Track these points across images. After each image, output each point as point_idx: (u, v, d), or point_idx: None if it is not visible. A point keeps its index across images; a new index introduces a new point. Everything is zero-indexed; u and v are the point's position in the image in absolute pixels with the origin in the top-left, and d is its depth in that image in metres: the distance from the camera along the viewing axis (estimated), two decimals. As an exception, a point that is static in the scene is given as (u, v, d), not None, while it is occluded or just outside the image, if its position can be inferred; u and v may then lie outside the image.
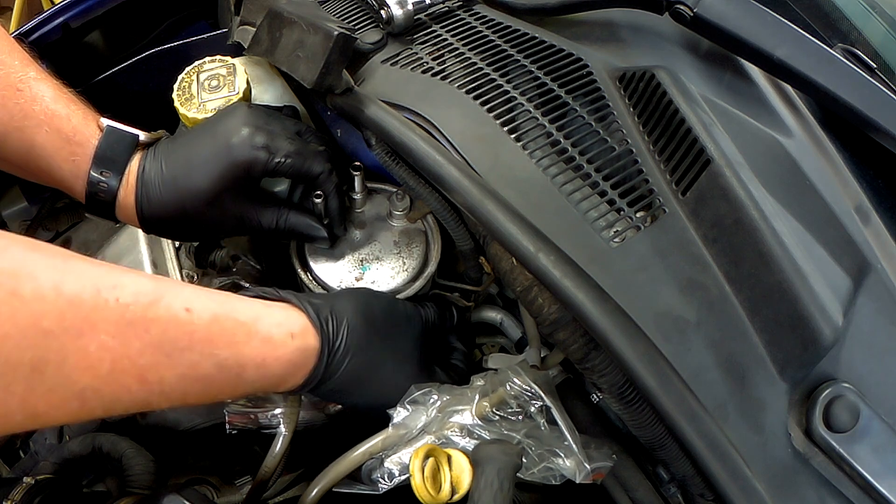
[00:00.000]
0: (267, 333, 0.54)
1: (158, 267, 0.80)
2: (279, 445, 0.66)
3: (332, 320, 0.58)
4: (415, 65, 0.70)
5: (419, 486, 0.54)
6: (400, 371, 0.63)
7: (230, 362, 0.51)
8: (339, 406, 0.72)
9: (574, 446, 0.59)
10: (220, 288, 0.77)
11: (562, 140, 0.63)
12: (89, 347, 0.44)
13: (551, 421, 0.61)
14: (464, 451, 0.57)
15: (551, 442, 0.60)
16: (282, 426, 0.66)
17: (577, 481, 0.58)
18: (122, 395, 0.47)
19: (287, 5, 0.71)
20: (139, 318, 0.47)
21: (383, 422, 0.62)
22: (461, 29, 0.73)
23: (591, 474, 0.59)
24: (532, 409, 0.61)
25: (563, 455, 0.59)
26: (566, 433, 0.60)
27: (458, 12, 0.76)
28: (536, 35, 0.71)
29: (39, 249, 0.45)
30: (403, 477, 0.59)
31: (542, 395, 0.61)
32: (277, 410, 0.66)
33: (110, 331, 0.45)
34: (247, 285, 0.78)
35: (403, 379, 0.62)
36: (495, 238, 0.58)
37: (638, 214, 0.59)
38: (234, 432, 0.67)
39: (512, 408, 0.61)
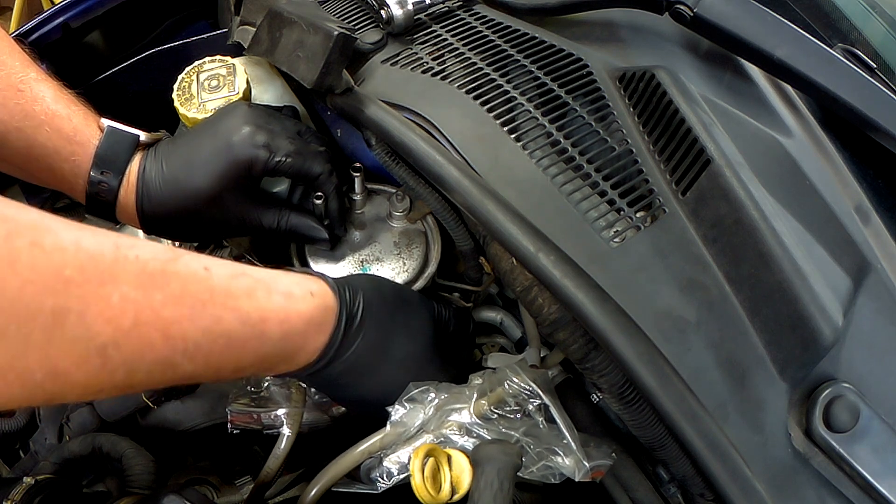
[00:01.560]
0: (287, 289, 0.54)
1: (158, 267, 0.80)
2: (283, 447, 0.66)
3: (349, 289, 0.59)
4: (415, 65, 0.70)
5: (419, 485, 0.54)
6: (413, 354, 0.62)
7: (253, 316, 0.51)
8: (343, 408, 0.71)
9: (573, 444, 0.59)
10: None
11: (562, 140, 0.63)
12: (112, 297, 0.44)
13: (550, 419, 0.61)
14: (463, 450, 0.57)
15: (550, 440, 0.59)
16: (285, 427, 0.66)
17: (577, 479, 0.58)
18: (145, 352, 0.46)
19: (287, 5, 0.71)
20: (159, 272, 0.46)
21: (383, 422, 0.62)
22: (461, 29, 0.73)
23: (590, 472, 0.59)
24: (530, 407, 0.61)
25: (562, 453, 0.59)
26: (565, 431, 0.59)
27: (458, 12, 0.76)
28: (536, 35, 0.71)
29: (55, 216, 0.45)
30: (402, 476, 0.59)
31: (541, 393, 0.61)
32: (281, 411, 0.66)
33: (132, 282, 0.45)
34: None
35: (417, 366, 0.62)
36: (495, 238, 0.58)
37: (638, 214, 0.59)
38: (236, 433, 0.67)
39: (510, 406, 0.61)
